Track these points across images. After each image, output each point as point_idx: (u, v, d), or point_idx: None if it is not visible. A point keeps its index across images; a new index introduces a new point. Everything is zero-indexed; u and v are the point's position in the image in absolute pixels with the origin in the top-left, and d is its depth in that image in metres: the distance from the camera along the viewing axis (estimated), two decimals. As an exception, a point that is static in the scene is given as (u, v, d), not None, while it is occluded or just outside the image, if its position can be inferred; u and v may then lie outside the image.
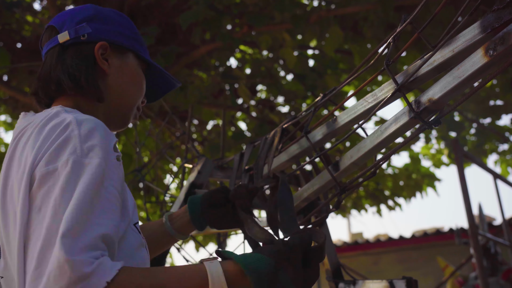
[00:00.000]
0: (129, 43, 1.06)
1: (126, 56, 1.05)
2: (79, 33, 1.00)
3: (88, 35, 1.01)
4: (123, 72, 1.04)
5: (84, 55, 1.00)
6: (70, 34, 1.00)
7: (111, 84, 1.02)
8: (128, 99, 1.05)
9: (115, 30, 1.04)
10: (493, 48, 0.78)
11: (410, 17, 0.93)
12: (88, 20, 1.03)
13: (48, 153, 0.78)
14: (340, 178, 1.20)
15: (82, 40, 1.01)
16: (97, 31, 1.02)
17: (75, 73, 0.98)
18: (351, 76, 1.14)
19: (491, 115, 5.17)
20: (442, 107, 0.93)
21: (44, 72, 1.01)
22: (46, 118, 0.86)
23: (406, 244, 7.69)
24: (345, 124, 1.17)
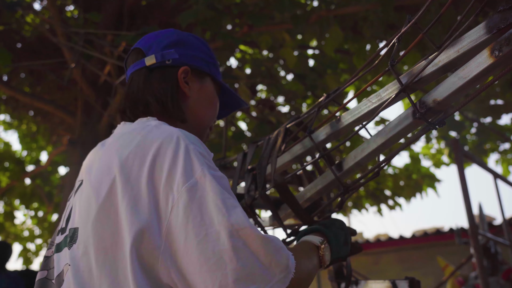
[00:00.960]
0: (208, 67, 1.12)
1: (205, 80, 1.12)
2: (165, 58, 1.06)
3: (173, 60, 1.07)
4: (201, 95, 1.10)
5: (169, 79, 1.06)
6: (156, 58, 1.06)
7: (191, 106, 1.08)
8: (205, 119, 1.12)
9: (195, 55, 1.10)
10: (499, 49, 0.78)
11: (415, 17, 0.93)
12: (173, 45, 1.09)
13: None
14: (344, 178, 1.20)
15: (167, 64, 1.06)
16: (180, 56, 1.08)
17: (162, 97, 1.03)
18: (355, 77, 1.14)
19: (491, 115, 5.17)
20: (446, 108, 0.93)
21: (131, 92, 1.06)
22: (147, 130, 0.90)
23: (406, 244, 7.69)
24: (349, 124, 1.17)
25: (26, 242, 8.16)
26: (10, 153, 6.99)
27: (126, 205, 0.82)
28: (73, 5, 5.13)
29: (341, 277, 1.40)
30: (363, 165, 1.16)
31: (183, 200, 0.79)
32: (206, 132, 1.15)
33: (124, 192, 0.82)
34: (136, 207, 0.81)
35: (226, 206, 0.79)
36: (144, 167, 0.83)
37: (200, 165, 0.82)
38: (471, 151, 5.69)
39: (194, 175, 0.81)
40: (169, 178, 0.81)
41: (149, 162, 0.83)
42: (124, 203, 0.82)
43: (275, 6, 3.77)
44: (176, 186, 0.80)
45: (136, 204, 0.81)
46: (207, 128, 1.14)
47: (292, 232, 1.35)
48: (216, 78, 1.14)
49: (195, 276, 0.78)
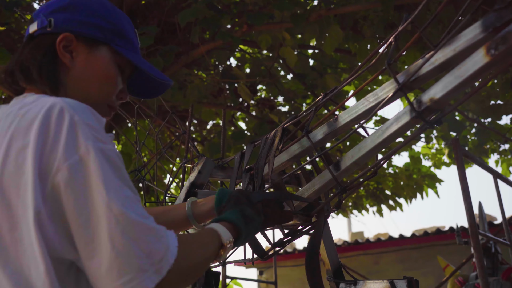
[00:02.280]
0: (103, 35, 0.99)
1: (97, 49, 0.99)
2: (44, 24, 0.96)
3: (55, 26, 0.96)
4: (89, 66, 0.98)
5: (44, 47, 0.96)
6: (37, 24, 0.97)
7: (75, 77, 0.97)
8: (93, 94, 0.99)
9: (88, 21, 0.98)
10: (495, 47, 0.77)
11: (412, 16, 0.93)
12: (60, 9, 0.98)
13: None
14: (341, 177, 1.20)
15: (48, 31, 0.96)
16: (65, 21, 0.97)
17: (27, 64, 0.95)
18: (352, 76, 1.14)
19: (491, 115, 5.17)
20: (443, 107, 0.93)
21: (10, 62, 0.98)
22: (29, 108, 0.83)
23: (406, 243, 7.69)
24: (346, 123, 1.17)
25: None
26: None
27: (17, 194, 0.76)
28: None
29: (339, 277, 1.39)
30: (361, 165, 1.16)
31: (64, 179, 0.75)
32: (102, 108, 1.02)
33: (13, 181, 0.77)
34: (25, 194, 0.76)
35: (108, 188, 0.75)
36: (27, 149, 0.76)
37: (85, 139, 0.76)
38: (471, 151, 5.68)
39: (78, 151, 0.76)
40: (52, 155, 0.76)
41: (32, 143, 0.76)
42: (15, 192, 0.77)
43: (274, 5, 3.77)
44: (57, 163, 0.75)
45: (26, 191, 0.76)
46: (101, 103, 1.01)
47: (289, 232, 1.34)
48: (116, 48, 1.00)
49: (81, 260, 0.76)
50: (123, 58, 1.02)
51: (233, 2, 4.26)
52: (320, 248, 1.41)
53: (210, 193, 1.56)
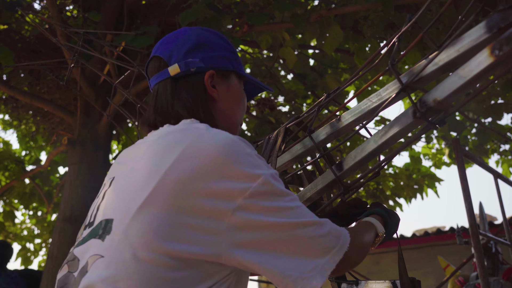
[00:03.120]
0: (231, 64, 1.09)
1: (230, 78, 1.09)
2: (189, 67, 1.03)
3: (197, 67, 1.04)
4: (230, 95, 1.08)
5: (197, 88, 1.03)
6: (181, 68, 1.04)
7: (220, 108, 1.06)
8: (235, 118, 1.10)
9: (218, 56, 1.07)
10: (499, 48, 0.77)
11: (415, 17, 0.93)
12: (194, 50, 1.06)
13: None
14: (344, 178, 1.20)
15: (192, 72, 1.03)
16: (203, 60, 1.05)
17: (193, 107, 1.01)
18: (355, 76, 1.14)
19: (492, 115, 5.16)
20: (447, 107, 0.92)
21: (160, 106, 1.04)
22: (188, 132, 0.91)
23: (407, 243, 7.68)
24: (349, 124, 1.17)
25: (25, 241, 8.17)
26: (9, 152, 6.99)
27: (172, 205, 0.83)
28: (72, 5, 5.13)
29: (341, 278, 1.39)
30: (363, 165, 1.16)
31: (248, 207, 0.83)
32: (239, 129, 1.13)
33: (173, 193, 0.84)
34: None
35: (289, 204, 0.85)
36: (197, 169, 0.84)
37: (262, 168, 0.87)
38: (471, 151, 5.68)
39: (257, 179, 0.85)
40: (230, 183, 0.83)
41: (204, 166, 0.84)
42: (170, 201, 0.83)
43: (275, 5, 3.77)
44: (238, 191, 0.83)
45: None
46: (239, 125, 1.12)
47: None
48: (240, 72, 1.12)
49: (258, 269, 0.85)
50: (242, 79, 1.14)
51: (233, 3, 4.26)
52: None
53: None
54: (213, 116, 1.03)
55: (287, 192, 0.87)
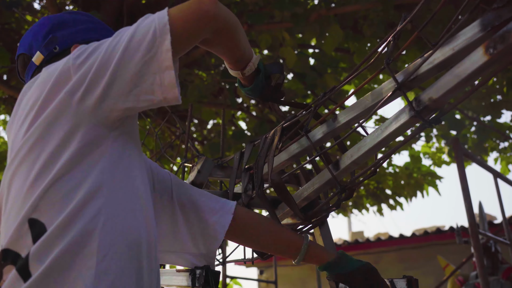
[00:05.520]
0: (99, 34, 1.07)
1: None
2: (50, 48, 1.02)
3: (59, 46, 1.03)
4: None
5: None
6: (43, 53, 1.02)
7: None
8: None
9: (80, 29, 1.06)
10: (493, 46, 0.77)
11: (410, 15, 0.93)
12: (50, 32, 1.04)
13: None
14: (341, 177, 1.20)
15: (56, 52, 1.02)
16: (63, 38, 1.04)
17: None
18: (352, 75, 1.14)
19: (491, 112, 5.16)
20: (442, 106, 0.93)
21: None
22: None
23: (406, 243, 7.69)
24: (346, 123, 1.17)
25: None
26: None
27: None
28: (72, 4, 5.13)
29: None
30: (360, 164, 1.16)
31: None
32: None
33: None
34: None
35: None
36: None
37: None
38: (471, 149, 5.68)
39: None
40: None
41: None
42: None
43: (274, 5, 3.76)
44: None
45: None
46: None
47: (289, 231, 1.34)
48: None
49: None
50: None
51: (233, 2, 4.26)
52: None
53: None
54: None
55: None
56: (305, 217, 1.31)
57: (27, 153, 0.85)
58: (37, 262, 0.77)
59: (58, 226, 0.79)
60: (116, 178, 0.86)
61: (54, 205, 0.81)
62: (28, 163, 0.84)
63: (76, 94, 0.85)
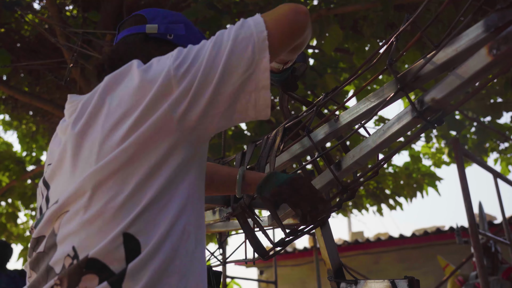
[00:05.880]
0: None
1: None
2: (169, 31, 1.04)
3: (175, 36, 1.04)
4: None
5: (164, 53, 0.98)
6: (159, 29, 1.04)
7: None
8: None
9: (192, 39, 1.07)
10: (497, 47, 0.77)
11: (413, 16, 0.93)
12: (179, 23, 1.07)
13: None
14: (342, 177, 1.20)
15: (168, 39, 1.03)
16: (182, 37, 1.06)
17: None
18: (353, 76, 1.14)
19: (491, 113, 5.16)
20: (445, 106, 0.93)
21: (120, 52, 1.02)
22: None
23: (406, 243, 7.69)
24: (348, 123, 1.17)
25: (27, 242, 8.17)
26: (10, 153, 6.99)
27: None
28: (72, 5, 5.13)
29: (340, 277, 1.39)
30: (362, 164, 1.16)
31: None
32: None
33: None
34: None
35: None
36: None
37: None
38: (471, 150, 5.68)
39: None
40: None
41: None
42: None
43: (275, 5, 3.76)
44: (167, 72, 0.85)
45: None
46: None
47: (291, 231, 1.34)
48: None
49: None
50: None
51: (233, 2, 4.26)
52: (320, 247, 1.41)
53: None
54: None
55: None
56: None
57: (125, 163, 0.82)
58: (132, 281, 0.77)
59: (153, 246, 0.80)
60: (195, 197, 0.87)
61: (149, 223, 0.81)
62: (124, 174, 0.82)
63: (178, 109, 0.83)
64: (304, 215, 1.07)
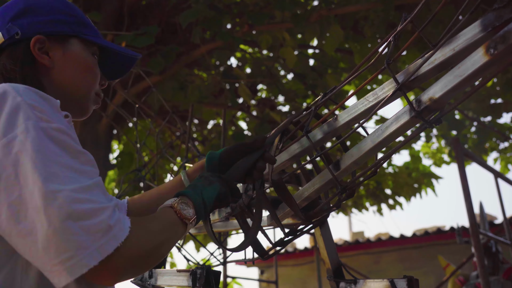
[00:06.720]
0: (70, 28, 1.00)
1: (69, 43, 1.00)
2: (11, 33, 0.95)
3: (21, 32, 0.95)
4: (68, 62, 0.98)
5: (20, 54, 0.95)
6: (3, 36, 0.95)
7: (57, 76, 0.97)
8: (79, 87, 1.00)
9: (51, 20, 0.98)
10: (494, 47, 0.77)
11: (411, 16, 0.93)
12: (19, 15, 0.97)
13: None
14: (341, 177, 1.20)
15: (18, 38, 0.95)
16: (30, 25, 0.96)
17: (10, 75, 0.93)
18: (352, 75, 1.14)
19: (491, 114, 5.17)
20: (443, 106, 0.93)
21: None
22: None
23: (407, 243, 7.69)
24: (346, 123, 1.17)
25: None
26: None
27: None
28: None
29: (340, 277, 1.39)
30: (360, 164, 1.16)
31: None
32: (90, 98, 1.03)
33: None
34: None
35: (45, 164, 0.71)
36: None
37: (25, 119, 0.74)
38: (471, 149, 5.68)
39: (15, 130, 0.74)
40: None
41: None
42: None
43: (275, 5, 3.77)
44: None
45: None
46: (88, 94, 1.02)
47: (290, 231, 1.35)
48: (87, 38, 1.01)
49: (9, 238, 0.73)
50: (92, 45, 1.04)
51: (233, 2, 4.27)
52: (320, 247, 1.42)
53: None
54: (41, 85, 0.93)
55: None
56: (305, 217, 1.31)
57: None
58: None
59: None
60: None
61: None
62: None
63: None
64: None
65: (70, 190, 0.70)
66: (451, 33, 0.85)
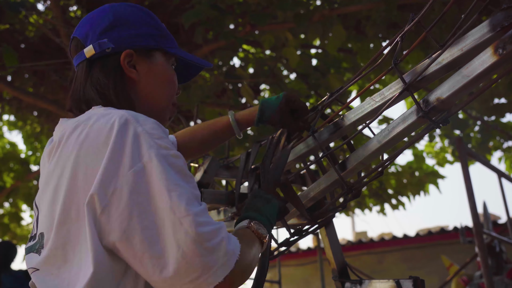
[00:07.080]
0: (155, 42, 1.03)
1: (153, 57, 1.03)
2: (103, 47, 0.98)
3: (113, 46, 0.98)
4: (152, 75, 1.02)
5: (111, 68, 0.98)
6: (95, 49, 0.98)
7: (142, 89, 1.00)
8: (161, 100, 1.03)
9: (138, 33, 1.01)
10: (503, 47, 0.77)
11: (418, 16, 0.93)
12: (109, 29, 0.99)
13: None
14: (347, 177, 1.20)
15: (108, 52, 0.98)
16: (120, 40, 0.99)
17: (104, 90, 0.96)
18: (358, 75, 1.14)
19: (495, 113, 5.16)
20: (450, 106, 0.93)
21: (75, 89, 0.99)
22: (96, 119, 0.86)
23: (410, 243, 7.68)
24: (352, 123, 1.17)
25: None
26: (15, 153, 7.01)
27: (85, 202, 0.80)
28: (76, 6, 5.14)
29: (345, 277, 1.39)
30: (366, 164, 1.16)
31: (128, 185, 0.78)
32: (168, 111, 1.06)
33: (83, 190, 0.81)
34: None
35: (170, 191, 0.78)
36: (97, 159, 0.81)
37: (148, 148, 0.80)
38: (474, 149, 5.67)
39: (141, 159, 0.80)
40: (116, 164, 0.79)
41: (100, 154, 0.81)
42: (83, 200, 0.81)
43: (278, 5, 3.77)
44: (122, 170, 0.79)
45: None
46: (167, 106, 1.05)
47: (295, 231, 1.35)
48: (168, 50, 1.04)
49: (136, 261, 0.78)
50: (171, 56, 1.07)
51: (236, 3, 4.26)
52: (325, 247, 1.42)
53: (216, 192, 1.56)
54: (130, 99, 0.98)
55: None
56: (311, 217, 1.31)
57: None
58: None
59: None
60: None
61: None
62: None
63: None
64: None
65: (194, 215, 0.78)
66: (459, 33, 0.85)
